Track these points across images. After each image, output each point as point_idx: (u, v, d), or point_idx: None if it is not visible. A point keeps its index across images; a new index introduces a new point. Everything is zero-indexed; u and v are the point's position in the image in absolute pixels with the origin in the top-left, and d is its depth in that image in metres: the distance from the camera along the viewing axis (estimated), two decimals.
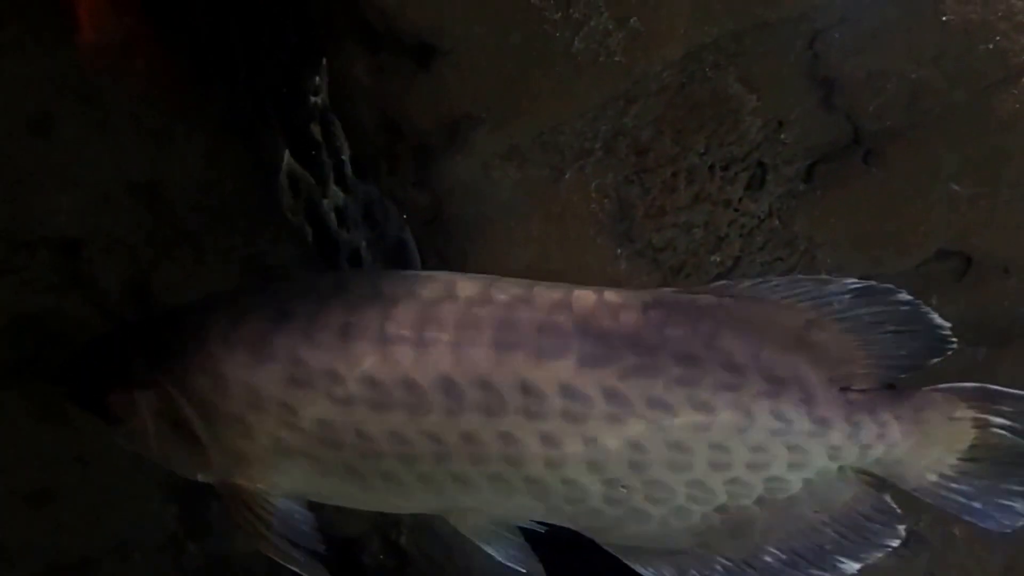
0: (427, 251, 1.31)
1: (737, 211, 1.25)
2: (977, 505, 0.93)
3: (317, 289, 0.97)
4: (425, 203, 1.24)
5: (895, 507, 0.95)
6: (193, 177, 1.44)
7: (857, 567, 0.95)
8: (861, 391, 0.94)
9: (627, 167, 1.22)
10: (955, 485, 0.94)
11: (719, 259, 1.26)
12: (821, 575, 0.95)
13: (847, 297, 0.94)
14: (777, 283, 0.95)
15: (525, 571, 0.96)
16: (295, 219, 1.45)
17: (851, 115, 1.21)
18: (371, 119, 1.24)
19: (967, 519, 0.94)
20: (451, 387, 0.90)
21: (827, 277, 0.96)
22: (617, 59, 1.15)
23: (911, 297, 0.94)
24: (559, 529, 0.98)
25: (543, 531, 0.98)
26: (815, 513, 0.95)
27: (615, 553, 0.97)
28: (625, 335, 0.92)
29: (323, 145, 1.42)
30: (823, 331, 0.94)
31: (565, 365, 0.91)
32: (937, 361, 0.95)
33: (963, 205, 1.23)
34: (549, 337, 0.91)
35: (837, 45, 1.17)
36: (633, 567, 0.97)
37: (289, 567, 0.96)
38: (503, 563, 0.95)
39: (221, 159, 1.44)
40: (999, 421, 0.93)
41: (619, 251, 1.23)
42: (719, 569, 0.96)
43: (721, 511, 0.95)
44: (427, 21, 1.13)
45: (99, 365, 1.05)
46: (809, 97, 1.20)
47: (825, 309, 0.94)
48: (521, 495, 0.94)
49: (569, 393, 0.90)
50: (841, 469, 0.95)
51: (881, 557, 0.95)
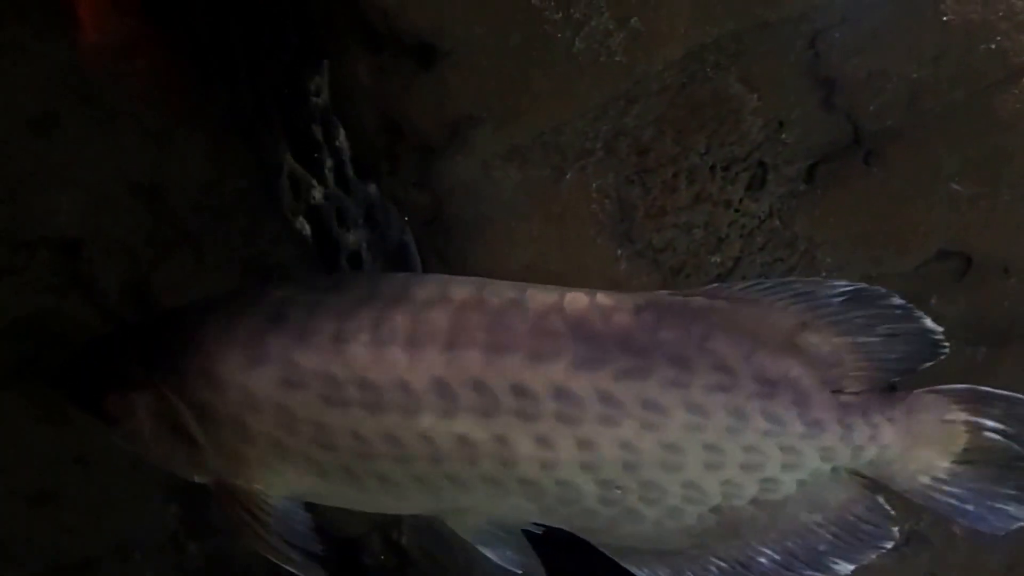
0: (427, 251, 1.31)
1: (738, 211, 1.25)
2: (970, 508, 0.93)
3: (312, 291, 0.97)
4: (425, 203, 1.24)
5: (888, 509, 0.95)
6: (194, 178, 1.43)
7: (851, 568, 0.95)
8: (854, 393, 0.94)
9: (628, 167, 1.22)
10: (948, 488, 0.94)
11: (719, 260, 1.26)
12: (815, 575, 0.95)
13: (839, 300, 0.94)
14: (769, 285, 0.95)
15: (521, 572, 0.96)
16: (296, 220, 1.45)
17: (852, 115, 1.21)
18: (372, 119, 1.24)
19: (960, 521, 0.94)
20: (445, 389, 0.90)
21: (819, 280, 0.96)
22: (618, 59, 1.15)
23: (903, 301, 0.94)
24: (558, 529, 0.98)
25: (540, 531, 0.98)
26: (809, 514, 0.96)
27: (610, 554, 0.97)
28: (618, 337, 0.92)
29: (324, 146, 1.42)
30: (815, 334, 0.94)
31: (558, 367, 0.91)
32: (930, 365, 0.95)
33: (963, 205, 1.23)
34: (542, 339, 0.92)
35: (838, 45, 1.17)
36: (628, 568, 0.97)
37: (287, 568, 0.96)
38: (498, 564, 0.96)
39: (222, 159, 1.44)
40: (991, 424, 0.93)
41: (619, 252, 1.23)
42: (713, 570, 0.96)
43: (715, 512, 0.95)
44: (428, 21, 1.13)
45: (96, 366, 1.05)
46: (810, 97, 1.20)
47: (817, 312, 0.94)
48: (516, 496, 0.94)
49: (562, 395, 0.91)
50: (834, 470, 0.95)
51: (874, 558, 0.95)
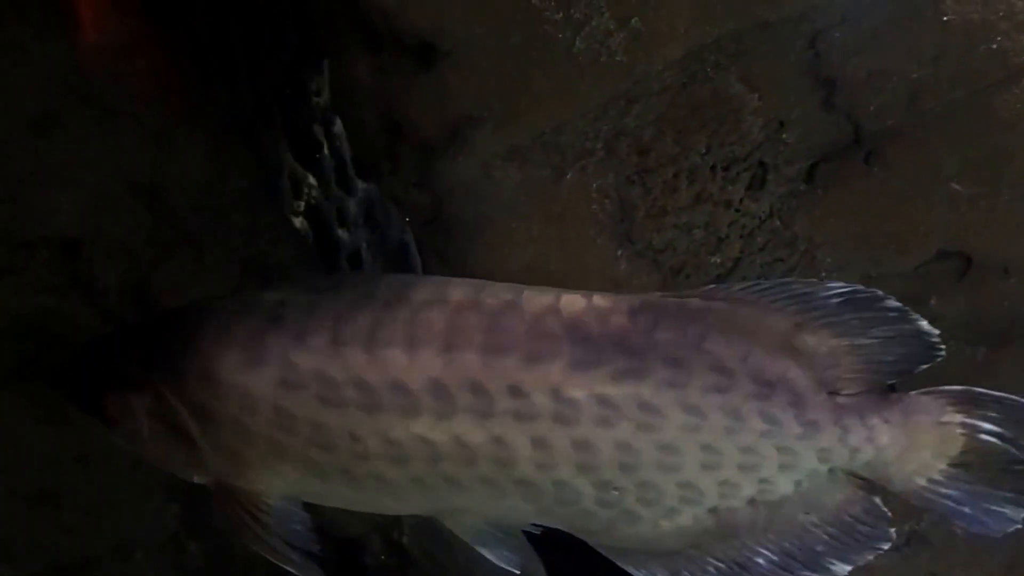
0: (427, 251, 1.31)
1: (738, 211, 1.25)
2: (966, 510, 0.94)
3: (310, 293, 0.98)
4: (426, 203, 1.24)
5: (885, 510, 0.96)
6: (194, 178, 1.43)
7: (848, 569, 0.95)
8: (850, 395, 0.94)
9: (628, 167, 1.22)
10: (944, 490, 0.94)
11: (719, 260, 1.26)
12: None
13: (835, 302, 0.94)
14: (765, 287, 0.95)
15: (518, 573, 0.96)
16: (296, 220, 1.45)
17: (852, 115, 1.21)
18: (372, 119, 1.24)
19: (956, 523, 0.94)
20: (442, 390, 0.91)
21: (815, 281, 0.96)
22: (618, 59, 1.15)
23: (899, 304, 0.94)
24: (558, 530, 0.98)
25: (538, 532, 0.98)
26: (806, 514, 0.96)
27: (608, 555, 0.97)
28: (614, 339, 0.92)
29: (325, 145, 1.42)
30: (811, 335, 0.94)
31: (555, 369, 0.91)
32: (926, 367, 0.96)
33: (963, 205, 1.23)
34: (539, 341, 0.92)
35: (838, 45, 1.17)
36: (626, 568, 0.97)
37: (286, 568, 0.96)
38: (496, 564, 0.96)
39: (222, 159, 1.44)
40: (987, 427, 0.93)
41: (619, 252, 1.23)
42: (711, 570, 0.96)
43: (713, 512, 0.95)
44: (428, 21, 1.13)
45: (96, 367, 1.05)
46: (810, 97, 1.20)
47: (813, 313, 0.94)
48: (513, 497, 0.94)
49: (559, 396, 0.91)
50: (831, 471, 0.95)
51: (871, 559, 0.95)
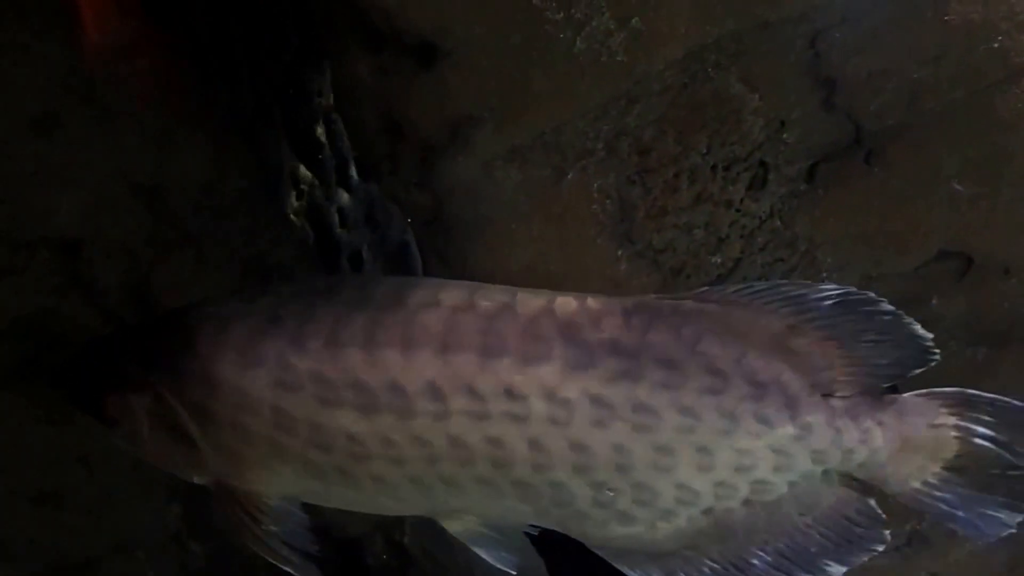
0: (428, 252, 1.31)
1: (739, 211, 1.25)
2: (960, 514, 0.94)
3: (307, 294, 0.98)
4: (426, 203, 1.24)
5: (880, 512, 0.96)
6: (194, 178, 1.43)
7: (843, 570, 0.95)
8: (843, 397, 0.95)
9: (629, 167, 1.22)
10: (939, 493, 0.94)
11: (720, 260, 1.27)
12: None
13: (827, 304, 0.95)
14: (759, 289, 0.96)
15: (514, 574, 0.96)
16: (297, 220, 1.45)
17: (852, 115, 1.21)
18: (373, 119, 1.25)
19: (949, 526, 0.95)
20: (438, 392, 0.91)
21: (808, 283, 0.96)
22: (619, 59, 1.15)
23: (892, 307, 0.95)
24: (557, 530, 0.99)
25: (536, 532, 0.98)
26: (800, 515, 0.96)
27: (603, 556, 0.98)
28: (608, 341, 0.93)
29: (326, 146, 1.42)
30: (804, 337, 0.95)
31: (549, 370, 0.92)
32: (920, 371, 0.96)
33: (964, 205, 1.23)
34: (533, 343, 0.92)
35: (838, 45, 1.17)
36: (622, 570, 0.97)
37: (284, 568, 0.97)
38: (493, 564, 0.96)
39: (223, 160, 1.44)
40: (981, 431, 0.94)
41: (620, 252, 1.23)
42: (706, 571, 0.97)
43: (708, 513, 0.96)
44: (429, 21, 1.14)
45: (95, 368, 1.06)
46: (811, 97, 1.20)
47: (806, 315, 0.95)
48: (509, 498, 0.94)
49: (554, 398, 0.91)
50: (826, 473, 0.96)
51: (866, 560, 0.95)
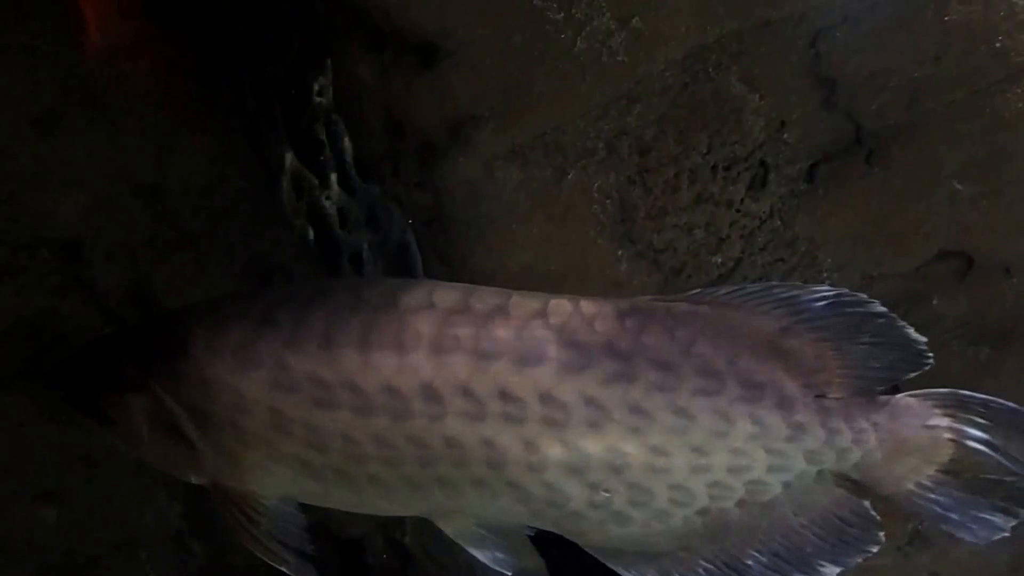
0: (428, 251, 1.31)
1: (739, 211, 1.25)
2: (954, 516, 0.94)
3: (303, 296, 0.98)
4: (427, 203, 1.24)
5: (874, 513, 0.96)
6: (195, 179, 1.44)
7: (837, 570, 0.95)
8: (837, 398, 0.95)
9: (630, 167, 1.22)
10: (932, 495, 0.94)
11: (720, 260, 1.27)
12: None
13: (819, 305, 0.95)
14: (752, 291, 0.96)
15: (510, 574, 0.96)
16: (298, 220, 1.46)
17: (853, 115, 1.21)
18: (375, 119, 1.25)
19: (943, 528, 0.94)
20: (432, 393, 0.91)
21: (800, 285, 0.96)
22: (619, 59, 1.16)
23: (884, 309, 0.95)
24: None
25: (531, 533, 0.99)
26: (795, 516, 0.96)
27: (598, 556, 0.98)
28: (602, 343, 0.93)
29: (327, 146, 1.43)
30: (797, 338, 0.95)
31: (544, 372, 0.92)
32: (915, 375, 0.96)
33: (965, 205, 1.23)
34: (528, 345, 0.93)
35: (839, 45, 1.17)
36: (616, 570, 0.98)
37: (280, 568, 0.97)
38: (488, 564, 0.96)
39: (224, 160, 1.44)
40: (975, 433, 0.93)
41: (620, 252, 1.24)
42: (701, 571, 0.97)
43: (702, 514, 0.96)
44: (430, 21, 1.14)
45: (93, 368, 1.06)
46: (811, 97, 1.20)
47: (799, 317, 0.95)
48: (505, 499, 0.95)
49: (548, 400, 0.92)
50: (820, 473, 0.96)
51: (861, 561, 0.96)
